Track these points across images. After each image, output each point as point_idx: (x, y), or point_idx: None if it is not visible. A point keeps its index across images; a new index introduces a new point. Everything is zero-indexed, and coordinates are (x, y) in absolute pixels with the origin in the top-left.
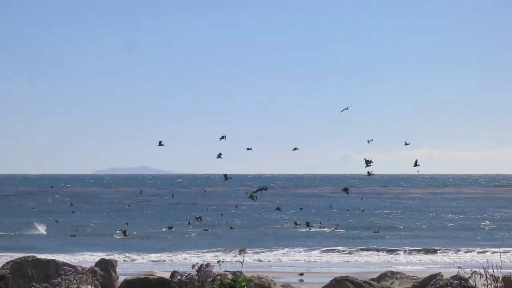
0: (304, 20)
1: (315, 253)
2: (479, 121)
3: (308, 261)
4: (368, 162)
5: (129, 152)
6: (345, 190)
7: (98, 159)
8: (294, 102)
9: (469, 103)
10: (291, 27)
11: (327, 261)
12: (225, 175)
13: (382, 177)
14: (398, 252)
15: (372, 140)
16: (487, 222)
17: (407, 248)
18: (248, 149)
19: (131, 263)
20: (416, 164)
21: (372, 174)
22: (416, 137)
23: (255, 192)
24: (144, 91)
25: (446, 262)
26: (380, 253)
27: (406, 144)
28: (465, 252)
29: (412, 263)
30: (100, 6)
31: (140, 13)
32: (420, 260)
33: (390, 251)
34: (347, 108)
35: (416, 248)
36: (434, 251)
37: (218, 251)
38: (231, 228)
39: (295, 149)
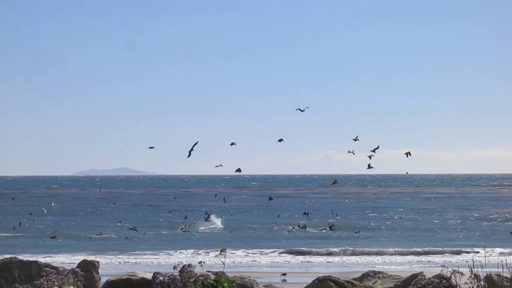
0: (289, 20)
1: (298, 254)
2: (460, 122)
3: (290, 262)
4: (374, 150)
5: (111, 154)
6: (334, 182)
7: (79, 161)
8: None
9: (451, 104)
10: (275, 27)
11: (309, 261)
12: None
13: (363, 177)
14: (381, 252)
15: (357, 138)
16: (471, 221)
17: (389, 248)
18: (232, 144)
19: (113, 264)
20: (369, 167)
21: (372, 167)
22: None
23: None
24: (125, 93)
25: (429, 261)
26: (362, 253)
27: (355, 140)
28: (449, 252)
29: (395, 263)
30: (84, 3)
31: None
32: (402, 260)
33: (372, 251)
34: (302, 110)
35: (398, 249)
36: (417, 251)
37: (198, 252)
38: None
39: (280, 140)
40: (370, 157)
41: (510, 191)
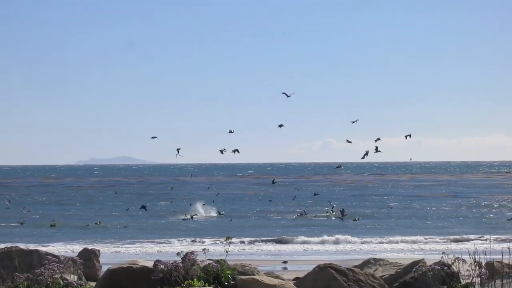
0: (291, 6)
1: (299, 241)
2: (459, 109)
3: (292, 249)
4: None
5: (111, 143)
6: (339, 167)
7: (79, 150)
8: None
9: (450, 91)
10: (276, 14)
11: (310, 249)
12: (234, 150)
13: (362, 165)
14: (382, 239)
15: (357, 120)
16: (467, 209)
17: (389, 236)
18: (230, 131)
19: (114, 253)
20: (377, 150)
21: (380, 151)
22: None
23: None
24: (126, 81)
25: (431, 249)
26: (363, 241)
27: (353, 122)
28: (450, 239)
29: (396, 250)
30: None
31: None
32: (403, 247)
33: (373, 239)
34: (288, 95)
35: (399, 236)
36: (418, 239)
37: (201, 240)
38: (220, 213)
39: (280, 125)
40: (376, 140)
41: (505, 178)
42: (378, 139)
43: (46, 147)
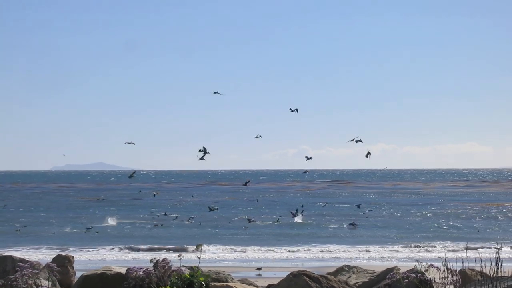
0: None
1: (273, 249)
2: (434, 117)
3: (265, 256)
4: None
5: (86, 149)
6: (306, 172)
7: (54, 156)
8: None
9: (424, 99)
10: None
11: (284, 256)
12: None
13: (333, 172)
14: (356, 247)
15: (360, 140)
16: (446, 218)
17: (360, 245)
18: (216, 92)
19: (87, 259)
20: (368, 154)
21: (370, 153)
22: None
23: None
24: (101, 87)
25: (404, 257)
26: (337, 248)
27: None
28: (424, 247)
29: (369, 258)
30: None
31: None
32: (377, 255)
33: (347, 247)
34: (218, 93)
35: (373, 245)
36: (393, 247)
37: (173, 247)
38: (189, 220)
39: (258, 136)
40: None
41: (466, 188)
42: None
43: (20, 153)
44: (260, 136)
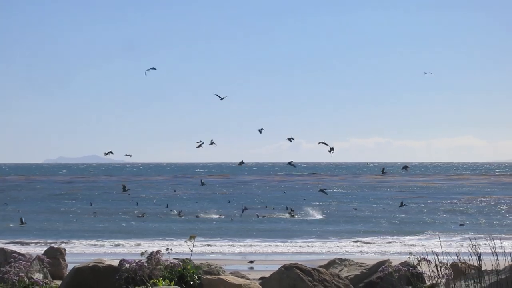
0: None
1: (265, 241)
2: (428, 111)
3: (258, 249)
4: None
5: (80, 141)
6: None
7: (47, 149)
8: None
9: (419, 93)
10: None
11: (276, 249)
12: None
13: (329, 165)
14: (347, 239)
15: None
16: (439, 210)
17: (356, 236)
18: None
19: (78, 251)
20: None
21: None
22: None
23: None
24: (95, 79)
25: (397, 250)
26: (328, 240)
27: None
28: (416, 240)
29: (362, 251)
30: None
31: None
32: (369, 248)
33: (339, 239)
34: (222, 98)
35: (364, 237)
36: (383, 239)
37: (165, 239)
38: (179, 215)
39: (260, 130)
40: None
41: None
42: (329, 147)
43: (13, 145)
44: (263, 129)
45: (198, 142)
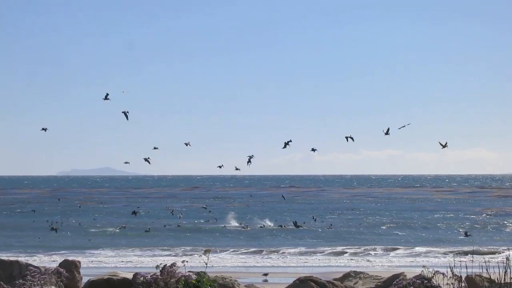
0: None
1: (279, 253)
2: (440, 122)
3: (272, 262)
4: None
5: (92, 154)
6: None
7: (60, 161)
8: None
9: (431, 105)
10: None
11: (290, 261)
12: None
13: (336, 178)
14: (362, 252)
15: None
16: (458, 223)
17: (370, 247)
18: (186, 144)
19: (94, 264)
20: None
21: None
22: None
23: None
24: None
25: (411, 262)
26: (344, 253)
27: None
28: (430, 252)
29: (376, 263)
30: None
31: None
32: (383, 260)
33: (355, 251)
34: (126, 115)
35: (379, 248)
36: (398, 252)
37: (184, 251)
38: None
39: (288, 142)
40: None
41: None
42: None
43: (27, 158)
44: (290, 141)
45: (248, 157)
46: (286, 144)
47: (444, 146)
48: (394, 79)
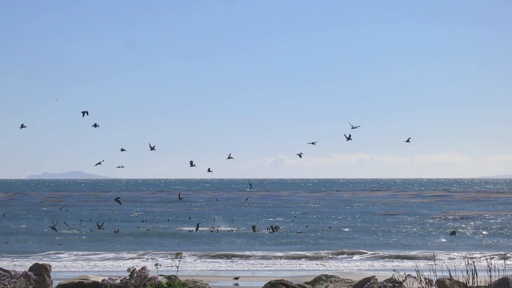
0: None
1: (250, 257)
2: (411, 127)
3: (243, 266)
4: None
5: (63, 157)
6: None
7: (31, 165)
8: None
9: (403, 109)
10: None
11: (261, 265)
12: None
13: (308, 182)
14: (332, 255)
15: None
16: (419, 226)
17: (342, 251)
18: (152, 148)
19: (62, 268)
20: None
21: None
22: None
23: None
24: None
25: (382, 266)
26: (314, 257)
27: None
28: (401, 256)
29: (347, 267)
30: None
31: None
32: (355, 264)
33: (324, 255)
34: (313, 143)
35: (349, 251)
36: (366, 255)
37: (153, 255)
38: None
39: (313, 143)
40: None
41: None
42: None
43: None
44: (315, 143)
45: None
46: (312, 143)
47: (407, 141)
48: (366, 84)
